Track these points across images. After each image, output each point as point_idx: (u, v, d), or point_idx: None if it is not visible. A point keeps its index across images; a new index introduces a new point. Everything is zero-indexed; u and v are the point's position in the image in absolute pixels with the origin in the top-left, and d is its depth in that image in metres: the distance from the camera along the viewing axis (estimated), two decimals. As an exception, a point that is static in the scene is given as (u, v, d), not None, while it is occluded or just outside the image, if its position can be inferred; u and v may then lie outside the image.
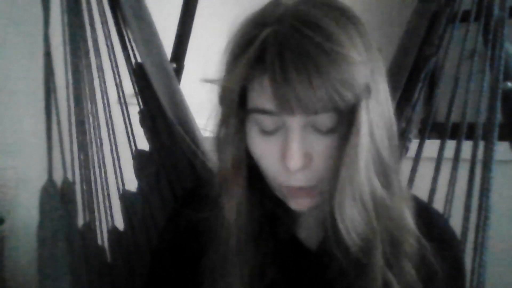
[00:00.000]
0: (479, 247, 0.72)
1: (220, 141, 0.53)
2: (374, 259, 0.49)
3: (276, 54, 0.44)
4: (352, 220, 0.47)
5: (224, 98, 0.51)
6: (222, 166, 0.53)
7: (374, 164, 0.48)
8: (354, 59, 0.44)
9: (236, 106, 0.48)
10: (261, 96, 0.46)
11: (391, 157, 0.50)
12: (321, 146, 0.48)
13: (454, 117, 0.78)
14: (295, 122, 0.46)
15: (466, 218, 0.75)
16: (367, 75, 0.46)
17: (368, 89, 0.45)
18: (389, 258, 0.51)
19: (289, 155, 0.46)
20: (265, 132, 0.49)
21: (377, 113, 0.48)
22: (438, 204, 0.75)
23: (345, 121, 0.46)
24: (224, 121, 0.52)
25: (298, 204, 0.52)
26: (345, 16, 0.46)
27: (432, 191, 0.78)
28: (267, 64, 0.44)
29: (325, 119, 0.46)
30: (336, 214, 0.47)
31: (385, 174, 0.49)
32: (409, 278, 0.51)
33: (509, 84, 0.73)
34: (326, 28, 0.44)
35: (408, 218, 0.52)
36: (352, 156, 0.46)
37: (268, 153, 0.49)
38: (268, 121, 0.48)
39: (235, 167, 0.52)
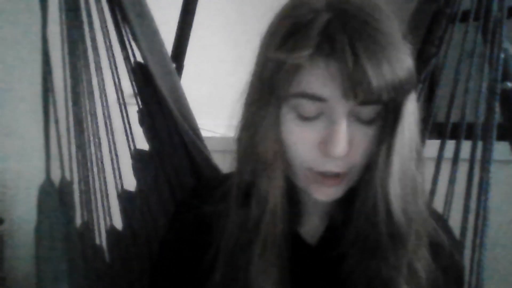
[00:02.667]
0: (478, 247, 0.72)
1: (257, 125, 0.51)
2: (407, 243, 0.51)
3: (345, 41, 0.44)
4: (397, 198, 0.49)
5: (271, 77, 0.48)
6: (262, 152, 0.51)
7: (405, 157, 0.49)
8: (409, 51, 0.46)
9: (287, 85, 0.47)
10: (313, 81, 0.46)
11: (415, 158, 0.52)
12: (361, 135, 0.49)
13: (454, 117, 0.78)
14: (344, 109, 0.47)
15: (465, 218, 0.75)
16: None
17: (416, 83, 0.47)
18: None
19: (335, 142, 0.47)
20: (304, 118, 0.49)
21: (414, 108, 0.50)
22: (437, 204, 0.75)
23: (387, 113, 0.48)
24: (265, 104, 0.50)
25: (324, 194, 0.52)
26: (384, 10, 0.48)
27: (432, 191, 0.78)
28: (336, 50, 0.44)
29: (369, 110, 0.48)
30: (384, 193, 0.49)
31: (412, 169, 0.51)
32: (426, 266, 0.52)
33: (508, 84, 0.73)
34: (382, 18, 0.46)
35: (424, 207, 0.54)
36: (389, 148, 0.48)
37: (306, 139, 0.49)
38: (310, 107, 0.48)
39: (277, 153, 0.50)
